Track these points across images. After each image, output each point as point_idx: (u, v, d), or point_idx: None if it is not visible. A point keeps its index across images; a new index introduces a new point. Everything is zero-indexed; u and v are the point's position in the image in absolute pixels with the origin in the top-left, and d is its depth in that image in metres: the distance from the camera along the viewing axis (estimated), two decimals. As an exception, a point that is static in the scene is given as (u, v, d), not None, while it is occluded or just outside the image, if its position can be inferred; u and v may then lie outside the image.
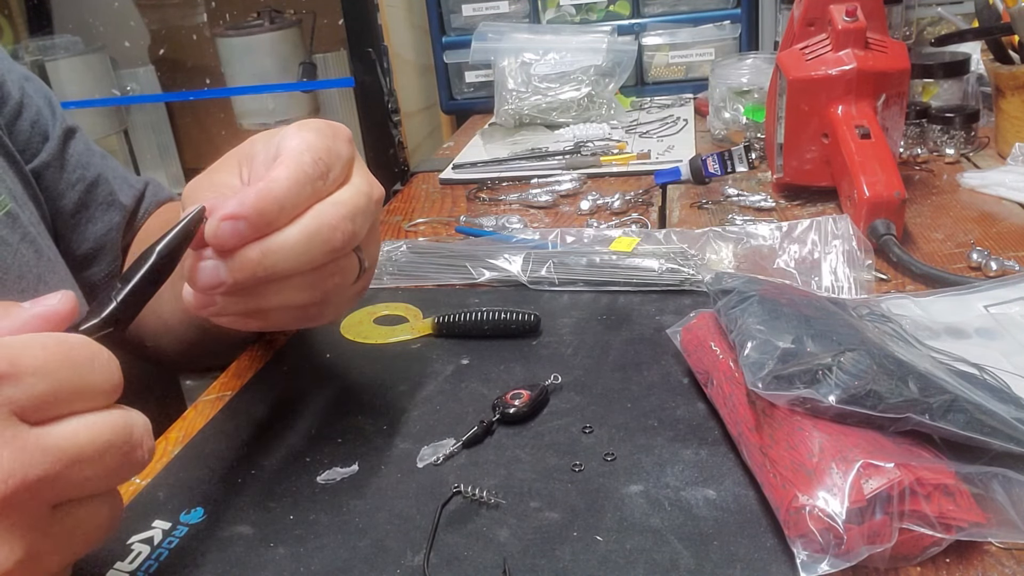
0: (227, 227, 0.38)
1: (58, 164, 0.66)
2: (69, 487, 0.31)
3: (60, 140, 0.66)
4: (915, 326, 0.53)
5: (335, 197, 0.42)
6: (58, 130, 0.66)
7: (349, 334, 0.63)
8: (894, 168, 0.70)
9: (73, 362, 0.31)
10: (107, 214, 0.69)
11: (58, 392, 0.30)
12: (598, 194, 0.88)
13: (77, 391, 0.31)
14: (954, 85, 0.96)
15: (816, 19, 0.77)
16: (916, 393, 0.39)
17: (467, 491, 0.43)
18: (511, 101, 1.20)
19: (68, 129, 0.67)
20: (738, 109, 1.05)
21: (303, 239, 0.40)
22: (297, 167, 0.40)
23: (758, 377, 0.40)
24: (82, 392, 0.31)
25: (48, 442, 0.30)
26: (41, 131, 0.65)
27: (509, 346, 0.59)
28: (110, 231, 0.69)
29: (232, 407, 0.55)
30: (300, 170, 0.40)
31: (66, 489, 0.31)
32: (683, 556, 0.38)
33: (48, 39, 2.02)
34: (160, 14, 2.12)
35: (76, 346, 0.32)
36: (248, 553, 0.42)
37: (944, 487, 0.36)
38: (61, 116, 0.67)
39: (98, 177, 0.68)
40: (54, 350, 0.31)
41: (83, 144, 0.68)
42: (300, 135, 0.42)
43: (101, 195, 0.68)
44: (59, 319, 0.33)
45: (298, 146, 0.41)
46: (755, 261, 0.68)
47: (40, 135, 0.65)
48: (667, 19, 1.33)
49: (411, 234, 0.86)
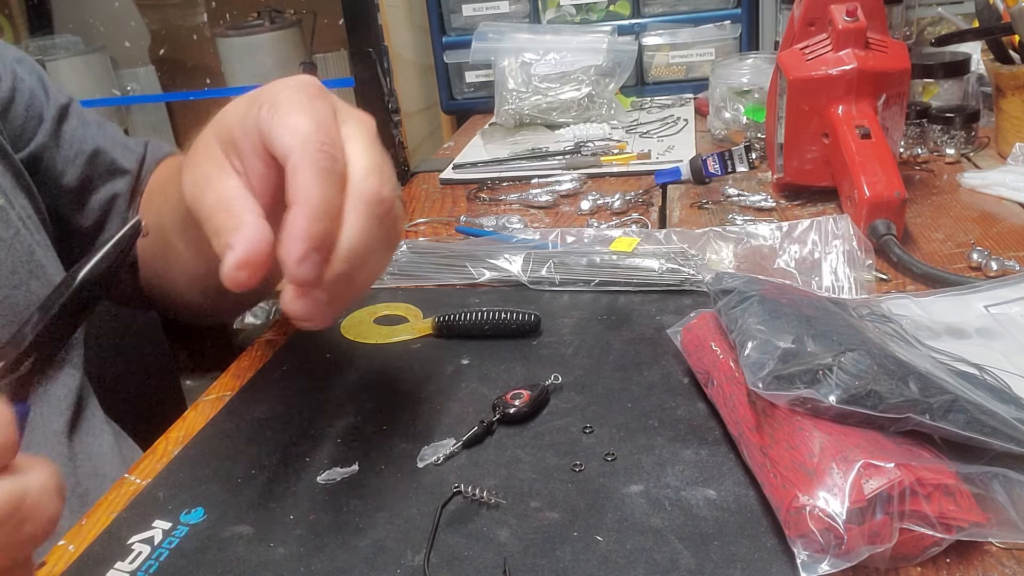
0: (306, 268, 0.38)
1: (54, 144, 0.66)
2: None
3: (55, 120, 0.66)
4: (915, 326, 0.53)
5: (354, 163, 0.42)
6: (52, 110, 0.66)
7: (349, 334, 0.63)
8: (894, 168, 0.70)
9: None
10: (110, 183, 0.69)
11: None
12: (598, 194, 0.88)
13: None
14: (954, 85, 0.96)
15: (816, 19, 0.77)
16: (916, 393, 0.39)
17: (467, 491, 0.43)
18: (511, 101, 1.20)
19: (62, 107, 0.67)
20: (738, 109, 1.05)
21: (365, 224, 0.40)
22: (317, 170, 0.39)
23: (758, 377, 0.40)
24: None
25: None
26: (36, 113, 0.65)
27: (509, 346, 0.59)
28: (114, 197, 0.69)
29: (232, 407, 0.55)
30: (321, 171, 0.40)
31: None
32: (683, 556, 0.38)
33: (48, 39, 2.02)
34: (160, 14, 2.13)
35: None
36: (248, 553, 0.42)
37: (944, 487, 0.36)
38: (55, 94, 0.67)
39: (96, 150, 0.68)
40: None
41: (77, 119, 0.68)
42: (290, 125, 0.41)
43: (102, 166, 0.68)
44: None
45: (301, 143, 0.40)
46: (755, 261, 0.68)
47: (35, 117, 0.65)
48: (667, 19, 1.33)
49: (411, 234, 0.86)
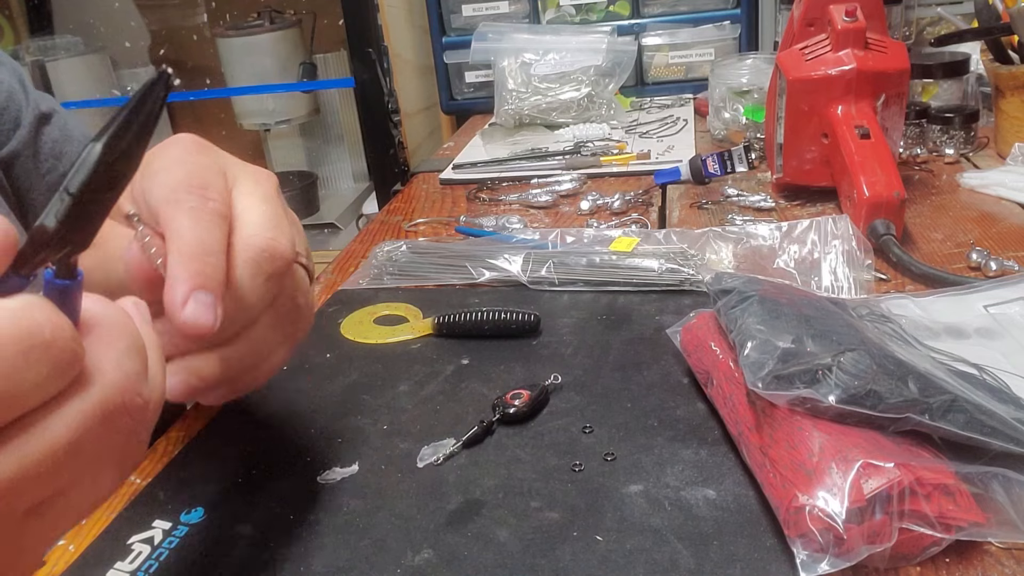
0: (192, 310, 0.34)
1: (30, 153, 0.62)
2: (38, 496, 0.26)
3: (32, 127, 0.62)
4: (914, 326, 0.53)
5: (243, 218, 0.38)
6: (30, 116, 0.62)
7: (349, 334, 0.63)
8: (894, 168, 0.70)
9: (2, 365, 0.24)
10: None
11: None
12: (598, 194, 0.88)
13: (15, 398, 0.24)
14: (954, 85, 0.96)
15: (816, 19, 0.77)
16: (916, 393, 0.39)
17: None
18: (511, 101, 1.20)
19: (42, 115, 0.63)
20: (738, 109, 1.05)
21: (255, 283, 0.37)
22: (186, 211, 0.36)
23: (758, 377, 0.40)
24: (22, 396, 0.25)
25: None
26: (12, 117, 0.61)
27: (509, 346, 0.59)
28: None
29: (232, 407, 0.55)
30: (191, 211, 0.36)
31: (35, 498, 0.26)
32: (683, 556, 0.38)
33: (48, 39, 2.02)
34: (160, 14, 2.13)
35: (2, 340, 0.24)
36: (248, 553, 0.42)
37: (944, 487, 0.36)
38: (35, 101, 0.63)
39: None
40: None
41: (59, 131, 0.64)
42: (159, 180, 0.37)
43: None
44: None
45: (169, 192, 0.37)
46: (755, 261, 0.68)
47: (10, 121, 0.61)
48: (667, 19, 1.33)
49: (411, 234, 0.86)
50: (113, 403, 0.27)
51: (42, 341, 0.24)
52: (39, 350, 0.24)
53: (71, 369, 0.26)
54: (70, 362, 0.26)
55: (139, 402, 0.28)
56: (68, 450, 0.26)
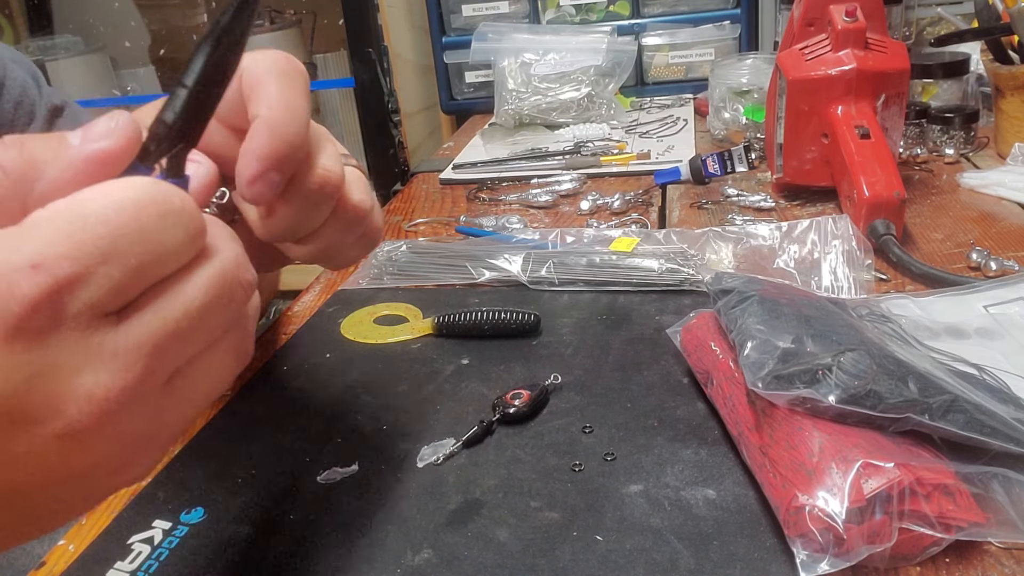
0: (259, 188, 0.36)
1: None
2: (175, 362, 0.28)
3: (46, 119, 0.63)
4: (914, 326, 0.53)
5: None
6: (44, 109, 0.63)
7: (349, 334, 0.63)
8: (894, 168, 0.70)
9: (144, 230, 0.26)
10: None
11: (136, 273, 0.26)
12: (598, 194, 0.88)
13: (157, 262, 0.27)
14: (954, 85, 0.96)
15: (816, 19, 0.77)
16: (916, 393, 0.39)
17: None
18: (511, 101, 1.20)
19: (55, 107, 0.64)
20: (738, 109, 1.05)
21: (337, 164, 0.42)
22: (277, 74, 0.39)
23: (758, 377, 0.40)
24: (162, 260, 0.27)
25: (140, 336, 0.26)
26: (26, 110, 0.62)
27: (509, 346, 0.59)
28: None
29: (232, 407, 0.55)
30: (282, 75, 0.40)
31: (173, 364, 0.28)
32: (683, 556, 0.38)
33: (48, 39, 2.02)
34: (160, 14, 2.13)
35: (143, 205, 0.26)
36: (248, 553, 0.42)
37: (944, 487, 0.36)
38: (48, 94, 0.65)
39: None
40: (118, 222, 0.26)
41: (71, 123, 0.65)
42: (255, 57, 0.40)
43: None
44: (116, 159, 0.28)
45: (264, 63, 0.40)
46: (755, 261, 0.68)
47: (25, 115, 0.62)
48: (667, 19, 1.33)
49: (411, 234, 0.86)
50: (231, 274, 0.29)
51: (177, 208, 0.27)
52: (174, 216, 0.27)
53: (200, 238, 0.28)
54: (199, 230, 0.28)
55: (249, 278, 0.30)
56: (201, 313, 0.28)
